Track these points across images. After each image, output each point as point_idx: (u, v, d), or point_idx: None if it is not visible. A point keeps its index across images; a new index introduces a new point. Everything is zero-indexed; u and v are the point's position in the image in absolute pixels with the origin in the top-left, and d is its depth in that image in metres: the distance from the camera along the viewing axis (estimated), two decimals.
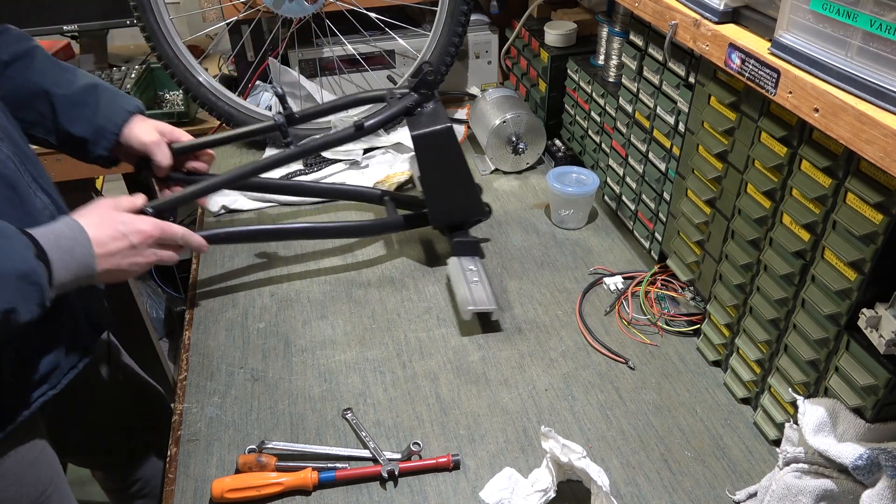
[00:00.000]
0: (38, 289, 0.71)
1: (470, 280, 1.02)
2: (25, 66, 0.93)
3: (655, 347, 0.98)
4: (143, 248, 0.84)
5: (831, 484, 0.67)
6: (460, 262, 1.07)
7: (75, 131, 0.94)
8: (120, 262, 0.81)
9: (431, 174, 1.06)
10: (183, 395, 0.91)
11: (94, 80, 0.98)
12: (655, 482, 0.79)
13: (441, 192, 1.07)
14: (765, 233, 0.80)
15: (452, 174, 1.06)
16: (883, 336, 0.64)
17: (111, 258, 0.80)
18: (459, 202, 1.09)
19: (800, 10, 0.64)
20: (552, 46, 1.36)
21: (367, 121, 1.02)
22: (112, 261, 0.80)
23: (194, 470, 0.82)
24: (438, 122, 1.02)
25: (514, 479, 0.77)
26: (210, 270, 1.14)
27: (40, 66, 0.94)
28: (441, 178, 1.06)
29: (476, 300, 0.99)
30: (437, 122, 1.02)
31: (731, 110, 0.83)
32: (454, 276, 1.04)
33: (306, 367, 0.95)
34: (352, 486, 0.80)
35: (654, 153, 1.05)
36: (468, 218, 1.11)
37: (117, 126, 0.97)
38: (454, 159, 1.05)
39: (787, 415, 0.80)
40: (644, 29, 1.03)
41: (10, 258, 0.69)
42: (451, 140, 1.03)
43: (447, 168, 1.05)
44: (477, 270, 1.05)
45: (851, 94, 0.59)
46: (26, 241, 0.71)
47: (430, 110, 1.06)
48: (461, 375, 0.94)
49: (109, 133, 0.96)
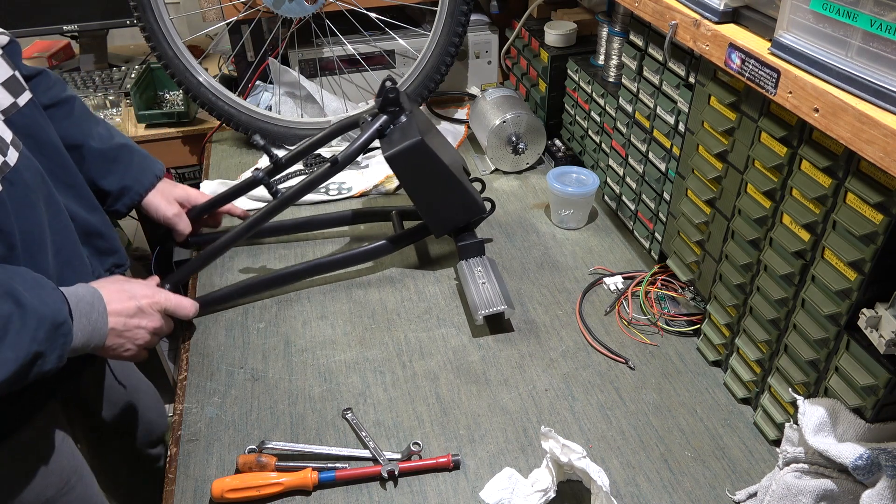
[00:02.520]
0: (65, 342, 0.75)
1: (479, 282, 1.02)
2: (64, 115, 0.97)
3: (655, 347, 0.98)
4: (147, 309, 0.89)
5: (831, 484, 0.67)
6: (468, 264, 1.06)
7: (103, 185, 1.00)
8: (127, 323, 0.85)
9: (417, 188, 1.04)
10: (183, 395, 0.91)
11: (126, 139, 1.05)
12: (655, 482, 0.79)
13: (432, 202, 1.06)
14: (765, 233, 0.80)
15: (437, 183, 1.04)
16: (883, 336, 0.64)
17: (119, 318, 0.84)
18: (455, 207, 1.07)
19: (800, 10, 0.64)
20: (552, 46, 1.36)
21: (340, 155, 1.02)
22: (120, 321, 0.84)
23: (194, 470, 0.82)
24: (407, 137, 1.00)
25: (514, 479, 0.77)
26: (210, 270, 1.14)
27: (78, 118, 0.99)
28: (427, 190, 1.04)
29: (486, 303, 0.98)
30: (406, 138, 1.00)
31: (731, 110, 0.83)
32: (464, 282, 1.04)
33: (306, 367, 0.95)
34: (352, 486, 0.80)
35: (654, 153, 1.05)
36: (469, 218, 1.10)
37: (144, 188, 1.04)
38: (434, 169, 1.02)
39: (787, 415, 0.80)
40: (644, 29, 1.03)
41: (49, 306, 0.73)
42: (423, 153, 1.00)
43: (430, 179, 1.03)
44: (485, 271, 1.05)
45: (851, 94, 0.59)
46: (62, 296, 0.76)
47: (401, 125, 1.04)
48: (461, 375, 0.94)
49: (135, 194, 1.03)
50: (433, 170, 1.02)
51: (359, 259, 1.11)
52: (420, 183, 1.04)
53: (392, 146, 1.00)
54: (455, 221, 1.09)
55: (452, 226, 1.09)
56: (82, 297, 0.79)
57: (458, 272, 1.07)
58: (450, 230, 1.10)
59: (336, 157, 1.01)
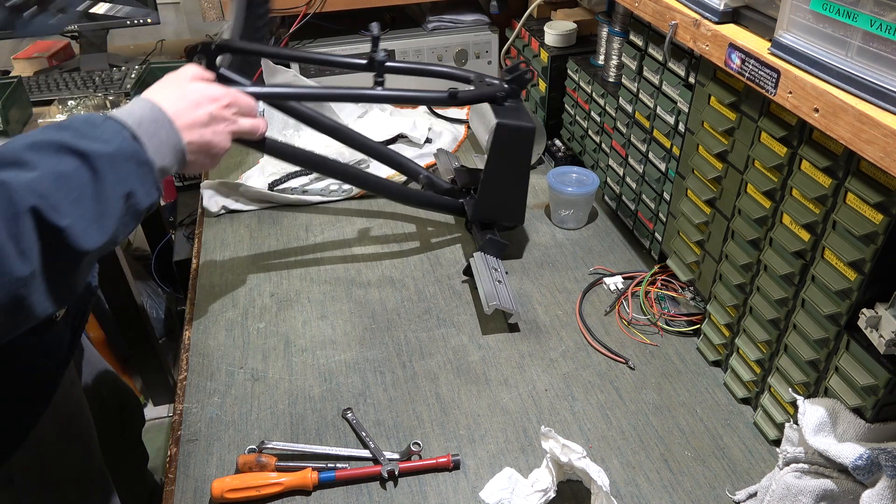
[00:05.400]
0: (148, 169, 0.68)
1: (494, 278, 1.04)
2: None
3: (655, 347, 0.98)
4: (219, 114, 0.80)
5: (831, 484, 0.67)
6: (486, 259, 1.08)
7: None
8: (203, 133, 0.77)
9: (497, 166, 1.07)
10: (183, 395, 0.91)
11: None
12: (655, 482, 0.79)
13: (498, 186, 1.09)
14: (765, 233, 0.80)
15: (516, 173, 1.09)
16: (883, 336, 0.64)
17: (193, 130, 0.76)
18: (509, 202, 1.11)
19: (800, 10, 0.64)
20: (552, 46, 1.36)
21: (459, 92, 1.03)
22: (195, 133, 0.76)
23: (194, 470, 0.82)
24: (523, 119, 1.04)
25: (514, 479, 0.77)
26: (210, 270, 1.14)
27: None
28: (505, 172, 1.08)
29: (501, 298, 0.99)
30: (522, 118, 1.04)
31: (731, 110, 0.83)
32: (481, 270, 1.05)
33: (306, 367, 0.95)
34: (352, 486, 0.80)
35: (654, 153, 1.05)
36: (507, 220, 1.14)
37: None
38: (522, 160, 1.08)
39: (787, 415, 0.80)
40: (644, 29, 1.03)
41: (109, 141, 0.65)
42: (527, 140, 1.06)
43: (514, 166, 1.08)
44: (500, 272, 1.07)
45: (851, 94, 0.59)
46: (119, 125, 0.68)
47: (513, 106, 1.08)
48: (461, 375, 0.94)
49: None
50: (521, 160, 1.08)
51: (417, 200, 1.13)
52: (504, 163, 1.07)
53: (508, 118, 1.04)
54: (495, 215, 1.13)
55: (490, 219, 1.13)
56: (142, 117, 0.71)
57: (473, 263, 1.07)
58: (486, 219, 1.13)
59: (456, 91, 1.03)
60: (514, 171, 1.09)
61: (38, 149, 0.61)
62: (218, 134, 0.80)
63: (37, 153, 0.60)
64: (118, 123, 0.68)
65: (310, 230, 1.23)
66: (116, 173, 0.64)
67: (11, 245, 0.55)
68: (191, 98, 0.77)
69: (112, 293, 1.60)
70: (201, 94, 0.79)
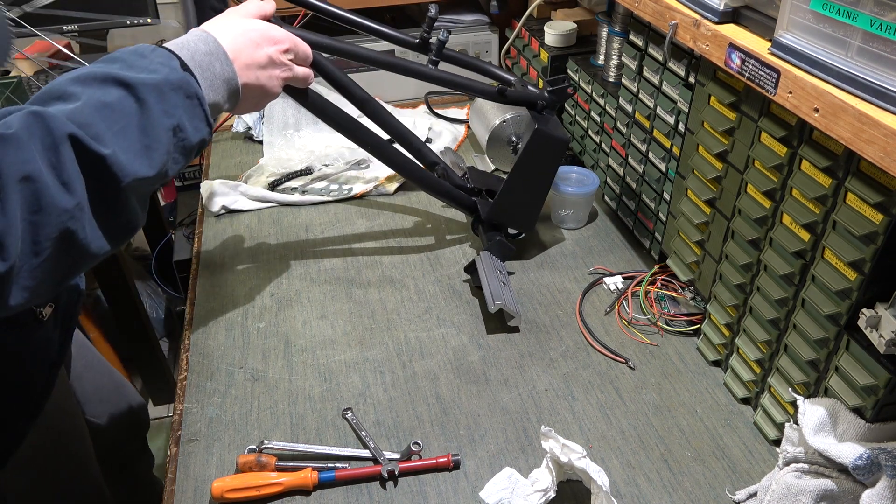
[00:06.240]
0: (198, 103, 0.65)
1: (498, 279, 1.04)
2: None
3: (655, 347, 0.98)
4: (277, 58, 0.77)
5: (831, 484, 0.67)
6: (491, 260, 1.08)
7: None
8: (259, 76, 0.75)
9: (524, 171, 1.08)
10: (183, 395, 0.91)
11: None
12: (655, 482, 0.79)
13: (520, 190, 1.10)
14: (765, 233, 0.80)
15: (539, 181, 1.10)
16: (883, 336, 0.64)
17: (250, 71, 0.73)
18: (525, 208, 1.12)
19: (800, 10, 0.64)
20: (552, 46, 1.36)
21: (508, 90, 1.05)
22: (252, 74, 0.73)
23: (194, 470, 0.82)
24: (560, 131, 1.07)
25: (514, 479, 0.77)
26: (210, 270, 1.14)
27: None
28: (530, 178, 1.09)
29: (505, 299, 1.00)
30: (558, 130, 1.07)
31: (731, 110, 0.83)
32: (486, 269, 1.05)
33: (306, 367, 0.95)
34: (352, 486, 0.80)
35: (654, 153, 1.05)
36: (519, 225, 1.14)
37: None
38: (549, 169, 1.10)
39: (787, 415, 0.80)
40: (644, 29, 1.03)
41: (156, 71, 0.62)
42: (559, 151, 1.08)
43: (540, 174, 1.10)
44: (504, 275, 1.07)
45: (851, 94, 0.59)
46: (168, 54, 0.65)
47: (549, 116, 1.10)
48: (461, 375, 0.94)
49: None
50: (547, 170, 1.10)
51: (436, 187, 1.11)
52: (531, 168, 1.09)
53: (547, 127, 1.06)
54: (508, 218, 1.13)
55: (503, 221, 1.13)
56: (197, 49, 0.68)
57: (479, 260, 1.07)
58: (499, 221, 1.13)
59: (504, 88, 1.05)
60: (538, 178, 1.10)
61: (83, 81, 0.60)
62: (273, 79, 0.77)
63: (81, 85, 0.59)
64: (168, 52, 0.65)
65: (310, 230, 1.23)
66: (163, 104, 0.62)
67: (52, 175, 0.54)
68: (250, 37, 0.74)
69: (112, 293, 1.60)
70: (262, 33, 0.76)
